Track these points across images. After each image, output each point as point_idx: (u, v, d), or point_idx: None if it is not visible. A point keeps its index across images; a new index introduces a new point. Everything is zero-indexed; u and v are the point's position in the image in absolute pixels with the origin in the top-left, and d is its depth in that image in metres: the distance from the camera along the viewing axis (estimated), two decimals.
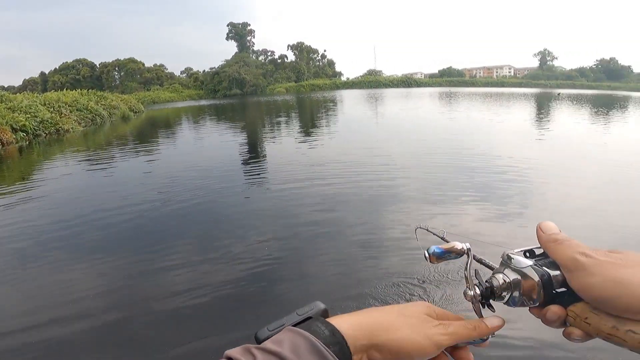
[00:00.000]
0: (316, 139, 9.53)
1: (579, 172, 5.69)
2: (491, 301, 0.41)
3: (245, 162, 7.11)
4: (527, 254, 0.39)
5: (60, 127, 13.83)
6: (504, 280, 0.39)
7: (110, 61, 61.29)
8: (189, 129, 14.60)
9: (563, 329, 0.37)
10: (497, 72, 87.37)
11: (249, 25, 65.87)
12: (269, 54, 66.97)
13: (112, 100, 22.36)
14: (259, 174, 6.07)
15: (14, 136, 11.30)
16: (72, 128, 14.52)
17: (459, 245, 0.42)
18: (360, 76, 68.29)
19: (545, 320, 0.38)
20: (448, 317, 0.42)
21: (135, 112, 24.42)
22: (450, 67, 75.11)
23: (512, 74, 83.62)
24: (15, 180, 6.59)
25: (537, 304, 0.37)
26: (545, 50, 70.70)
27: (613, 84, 57.15)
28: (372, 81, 59.33)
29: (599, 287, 0.33)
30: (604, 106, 20.13)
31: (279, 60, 65.00)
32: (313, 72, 66.21)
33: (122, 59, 61.18)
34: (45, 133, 12.93)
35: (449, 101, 23.95)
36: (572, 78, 63.28)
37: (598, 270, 0.33)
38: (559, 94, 33.76)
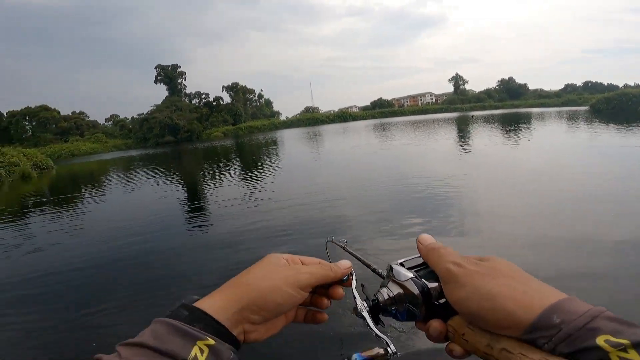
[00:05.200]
0: (259, 185, 8.79)
1: (502, 186, 5.91)
2: (380, 315, 0.38)
3: (189, 215, 6.43)
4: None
5: None
6: (389, 295, 0.37)
7: (19, 109, 54.08)
8: (119, 187, 12.79)
9: (446, 344, 0.34)
10: (421, 99, 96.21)
11: (179, 67, 64.04)
12: (203, 96, 65.08)
13: (13, 157, 19.36)
14: (201, 226, 5.46)
15: None
16: None
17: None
18: (299, 114, 69.88)
19: (428, 335, 0.35)
20: (300, 259, 0.43)
21: (43, 168, 21.38)
22: (381, 98, 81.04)
23: (434, 100, 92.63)
24: None
25: (421, 318, 0.35)
26: (457, 75, 79.74)
27: (515, 102, 65.42)
28: (309, 119, 60.84)
29: (469, 299, 0.31)
30: (512, 123, 22.64)
31: (214, 103, 63.09)
32: (251, 113, 65.67)
33: (33, 106, 54.26)
34: None
35: (384, 134, 25.01)
36: (481, 100, 71.48)
37: (468, 281, 0.31)
38: (472, 116, 37.35)
